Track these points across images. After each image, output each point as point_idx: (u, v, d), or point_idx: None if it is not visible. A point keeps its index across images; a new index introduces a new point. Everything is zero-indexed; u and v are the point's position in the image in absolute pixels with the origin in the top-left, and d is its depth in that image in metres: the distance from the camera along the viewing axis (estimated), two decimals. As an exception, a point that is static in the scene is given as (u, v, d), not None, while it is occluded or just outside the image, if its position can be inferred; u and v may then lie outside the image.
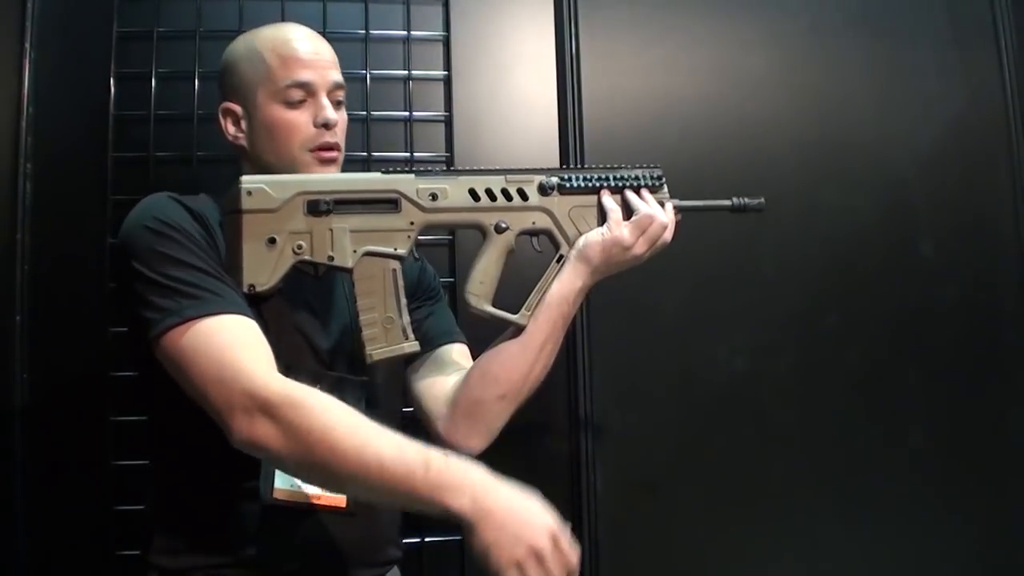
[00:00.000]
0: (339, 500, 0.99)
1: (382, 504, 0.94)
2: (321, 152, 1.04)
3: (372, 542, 1.05)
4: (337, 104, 1.07)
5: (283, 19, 1.46)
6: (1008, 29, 1.71)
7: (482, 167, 1.08)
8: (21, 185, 1.37)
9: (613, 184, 1.10)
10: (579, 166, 1.11)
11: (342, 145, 1.07)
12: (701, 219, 1.18)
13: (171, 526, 0.97)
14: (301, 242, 0.98)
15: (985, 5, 1.72)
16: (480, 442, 1.07)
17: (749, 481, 1.53)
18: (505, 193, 1.06)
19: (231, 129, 1.08)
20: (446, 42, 1.54)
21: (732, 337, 1.56)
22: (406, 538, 1.16)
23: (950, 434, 1.61)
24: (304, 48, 1.05)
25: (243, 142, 1.07)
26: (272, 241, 0.97)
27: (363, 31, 1.50)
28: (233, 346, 0.89)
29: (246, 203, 0.97)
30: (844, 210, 1.62)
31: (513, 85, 1.55)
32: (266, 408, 0.85)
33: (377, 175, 1.04)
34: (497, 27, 1.56)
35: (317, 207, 0.99)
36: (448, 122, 1.52)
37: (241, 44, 1.08)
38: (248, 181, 0.98)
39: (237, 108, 1.06)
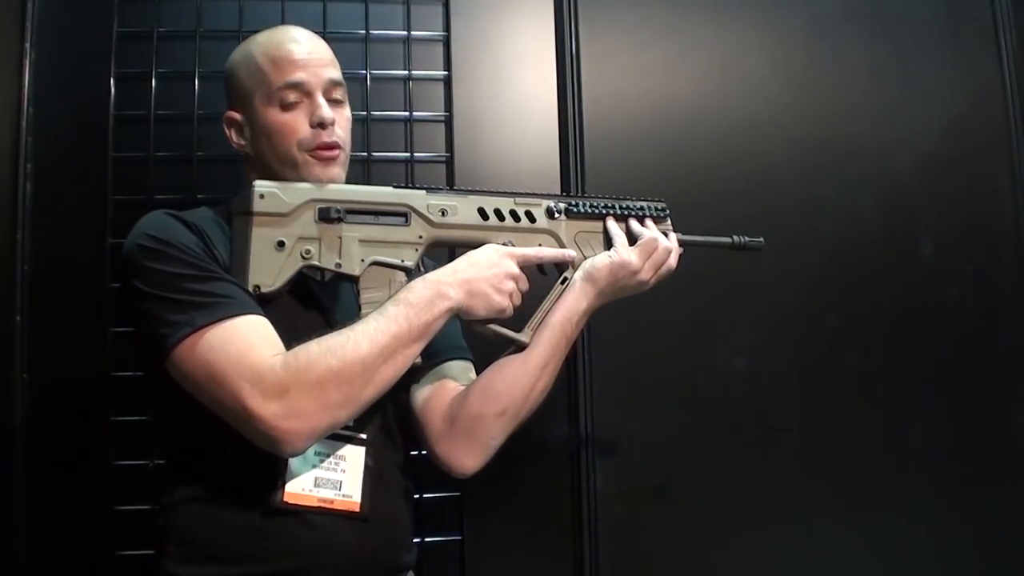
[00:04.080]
0: (352, 504, 0.99)
1: (410, 352, 0.96)
2: (320, 151, 1.04)
3: (388, 549, 1.05)
4: (336, 103, 1.06)
5: (283, 19, 1.46)
6: (1008, 29, 1.71)
7: (490, 188, 1.10)
8: (21, 185, 1.37)
9: (619, 212, 1.13)
10: (586, 194, 1.15)
11: (345, 143, 1.07)
12: (702, 218, 1.18)
13: (185, 534, 0.96)
14: (310, 247, 0.99)
15: (985, 5, 1.72)
16: (475, 461, 1.07)
17: (749, 481, 1.53)
18: (513, 214, 1.09)
19: (235, 137, 1.08)
20: (446, 42, 1.54)
21: (732, 337, 1.56)
22: (406, 538, 1.16)
23: (950, 434, 1.60)
24: (297, 49, 1.04)
25: (247, 149, 1.07)
26: (281, 245, 0.98)
27: (363, 31, 1.50)
28: (249, 348, 0.90)
29: (257, 206, 0.98)
30: (844, 210, 1.62)
31: (513, 85, 1.55)
32: (280, 391, 0.88)
33: (389, 189, 1.05)
34: (497, 27, 1.56)
35: (328, 214, 1.00)
36: (448, 122, 1.52)
37: (239, 51, 1.09)
38: (261, 185, 0.99)
39: (238, 116, 1.07)
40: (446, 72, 1.53)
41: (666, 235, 1.14)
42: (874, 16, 1.68)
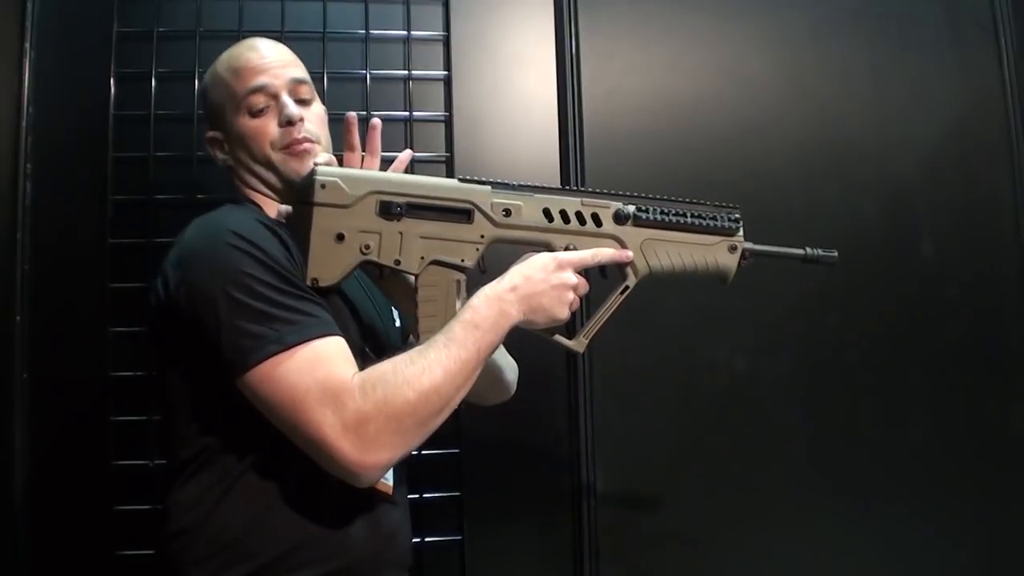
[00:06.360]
0: (387, 487, 0.99)
1: (476, 375, 0.94)
2: (293, 147, 1.04)
3: (406, 542, 1.05)
4: (304, 102, 1.06)
5: (283, 19, 1.47)
6: (1008, 29, 1.71)
7: (560, 186, 1.06)
8: (21, 185, 1.37)
9: (690, 221, 1.08)
10: (656, 196, 1.07)
11: (319, 136, 1.07)
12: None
13: (234, 541, 0.92)
14: (369, 242, 0.96)
15: (985, 5, 1.72)
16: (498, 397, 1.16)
17: (749, 480, 1.53)
18: (579, 216, 1.04)
19: (218, 154, 1.09)
20: (446, 42, 1.54)
21: (732, 337, 1.56)
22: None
23: (950, 433, 1.61)
24: (255, 56, 1.06)
25: (229, 162, 1.08)
26: (340, 237, 0.95)
27: (363, 31, 1.50)
28: (332, 373, 0.88)
29: (319, 196, 0.94)
30: (844, 210, 1.62)
31: (513, 85, 1.55)
32: (359, 423, 0.85)
33: (454, 182, 1.01)
34: (497, 27, 1.56)
35: (389, 209, 0.96)
36: (448, 122, 1.52)
37: (208, 73, 1.11)
38: (323, 173, 0.95)
39: (217, 134, 1.09)
40: (446, 72, 1.53)
41: (736, 247, 1.10)
42: (874, 16, 1.68)
